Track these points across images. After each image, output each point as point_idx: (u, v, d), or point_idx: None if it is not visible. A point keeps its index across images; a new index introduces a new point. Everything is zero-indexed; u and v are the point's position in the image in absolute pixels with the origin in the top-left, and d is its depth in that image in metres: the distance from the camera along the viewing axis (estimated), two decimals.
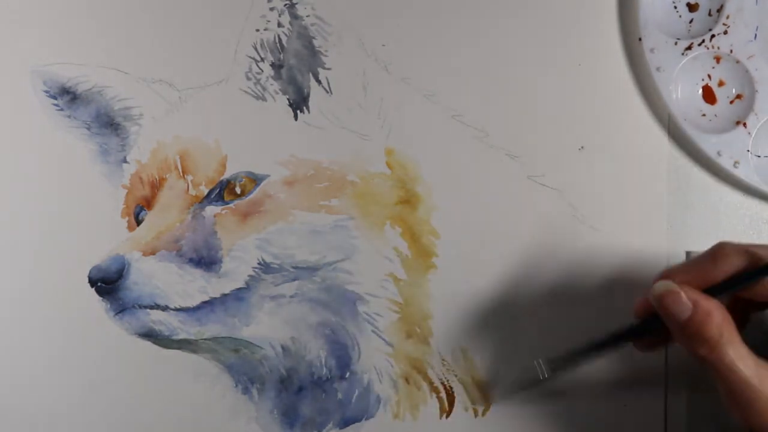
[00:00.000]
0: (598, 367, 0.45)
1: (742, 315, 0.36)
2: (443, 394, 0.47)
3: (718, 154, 0.45)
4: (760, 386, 0.32)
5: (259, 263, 0.47)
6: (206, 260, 0.47)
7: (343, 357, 0.47)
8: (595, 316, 0.45)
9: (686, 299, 0.33)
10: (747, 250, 0.34)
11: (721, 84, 0.46)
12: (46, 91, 0.49)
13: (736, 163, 0.45)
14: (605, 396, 0.45)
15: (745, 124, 0.45)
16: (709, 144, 0.45)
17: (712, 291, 0.34)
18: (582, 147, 0.46)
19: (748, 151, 0.45)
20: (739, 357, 0.32)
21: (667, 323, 0.34)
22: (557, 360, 0.42)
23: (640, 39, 0.46)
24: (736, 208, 0.46)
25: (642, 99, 0.46)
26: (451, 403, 0.47)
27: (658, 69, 0.45)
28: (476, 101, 0.47)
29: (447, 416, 0.47)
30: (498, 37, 0.47)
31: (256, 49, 0.48)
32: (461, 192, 0.47)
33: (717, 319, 0.33)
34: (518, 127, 0.47)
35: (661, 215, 0.46)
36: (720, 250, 0.35)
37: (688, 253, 0.46)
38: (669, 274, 0.35)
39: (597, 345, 0.40)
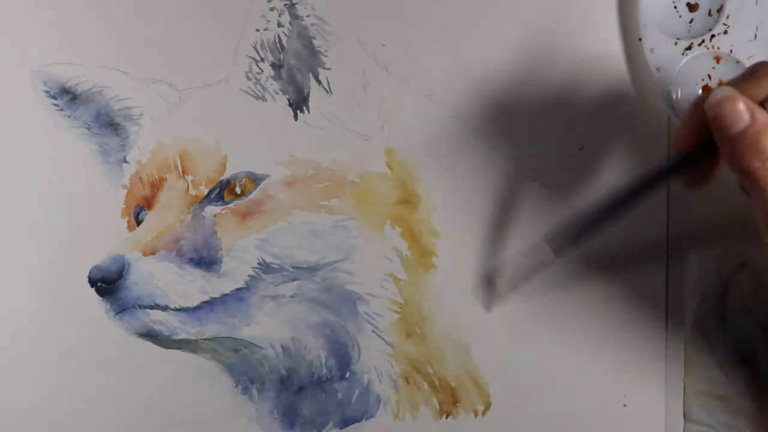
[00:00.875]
0: (598, 368, 0.45)
1: None
2: (443, 394, 0.47)
3: None
4: None
5: (259, 263, 0.47)
6: (206, 260, 0.47)
7: (343, 357, 0.47)
8: (596, 316, 0.45)
9: (745, 108, 0.32)
10: None
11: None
12: (46, 91, 0.49)
13: None
14: (605, 394, 0.45)
15: None
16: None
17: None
18: (582, 147, 0.46)
19: None
20: None
21: (719, 133, 0.33)
22: (563, 236, 0.39)
23: (640, 39, 0.46)
24: (737, 208, 0.46)
25: (642, 99, 0.46)
26: (451, 403, 0.47)
27: (658, 69, 0.45)
28: (476, 101, 0.47)
29: (447, 416, 0.47)
30: (498, 37, 0.47)
31: (256, 49, 0.48)
32: (461, 192, 0.47)
33: None
34: (518, 127, 0.47)
35: (661, 215, 0.46)
36: (760, 68, 0.33)
37: (688, 253, 0.46)
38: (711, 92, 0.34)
39: (633, 190, 0.37)
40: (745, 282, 0.45)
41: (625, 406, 0.45)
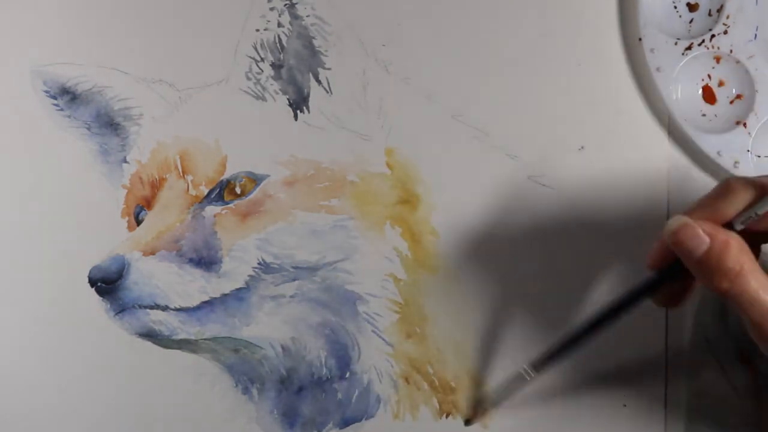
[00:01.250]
0: (598, 368, 0.45)
1: (754, 248, 0.35)
2: (443, 394, 0.47)
3: (718, 154, 0.45)
4: None
5: (259, 263, 0.47)
6: (206, 260, 0.47)
7: (343, 357, 0.47)
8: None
9: (702, 232, 0.32)
10: (753, 183, 0.33)
11: (721, 84, 0.46)
12: (46, 91, 0.49)
13: (736, 163, 0.45)
14: (604, 394, 0.45)
15: (745, 124, 0.45)
16: (709, 144, 0.45)
17: (729, 227, 0.33)
18: (582, 147, 0.46)
19: (748, 151, 0.45)
20: (761, 286, 0.31)
21: (684, 260, 0.33)
22: (541, 359, 0.41)
23: (640, 39, 0.46)
24: None
25: (642, 99, 0.46)
26: (451, 403, 0.47)
27: (658, 69, 0.45)
28: (476, 101, 0.47)
29: (447, 416, 0.47)
30: (498, 37, 0.47)
31: (256, 49, 0.48)
32: (461, 192, 0.47)
33: (735, 249, 0.32)
34: (518, 127, 0.47)
35: (661, 215, 0.46)
36: (727, 186, 0.34)
37: None
38: (683, 214, 0.34)
39: (615, 307, 0.38)
40: None
41: (625, 406, 0.45)
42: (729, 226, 0.33)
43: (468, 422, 0.46)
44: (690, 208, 0.35)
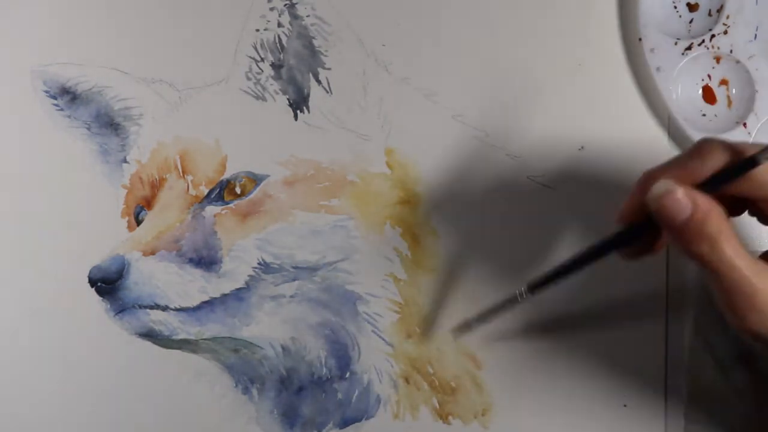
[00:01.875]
0: (598, 368, 0.45)
1: (728, 212, 0.35)
2: (443, 394, 0.47)
3: None
4: (757, 281, 0.32)
5: (259, 263, 0.47)
6: (206, 260, 0.47)
7: (343, 357, 0.47)
8: (597, 315, 0.45)
9: (686, 198, 0.32)
10: (729, 146, 0.34)
11: (721, 84, 0.46)
12: (46, 91, 0.49)
13: None
14: (604, 394, 0.45)
15: (745, 124, 0.45)
16: None
17: (702, 188, 0.33)
18: (582, 147, 0.46)
19: None
20: (737, 254, 0.32)
21: (664, 224, 0.33)
22: (537, 281, 0.40)
23: (640, 39, 0.46)
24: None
25: (642, 99, 0.46)
26: (451, 403, 0.47)
27: (658, 69, 0.45)
28: (476, 101, 0.47)
29: (447, 416, 0.47)
30: (498, 37, 0.47)
31: (256, 49, 0.48)
32: (461, 192, 0.47)
33: (716, 216, 0.32)
34: (518, 127, 0.47)
35: None
36: (704, 146, 0.34)
37: None
38: (656, 172, 0.34)
39: (578, 259, 0.38)
40: None
41: (625, 406, 0.45)
42: (705, 186, 0.33)
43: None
44: (664, 166, 0.35)
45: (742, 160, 0.33)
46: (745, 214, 0.37)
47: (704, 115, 0.46)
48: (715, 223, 0.32)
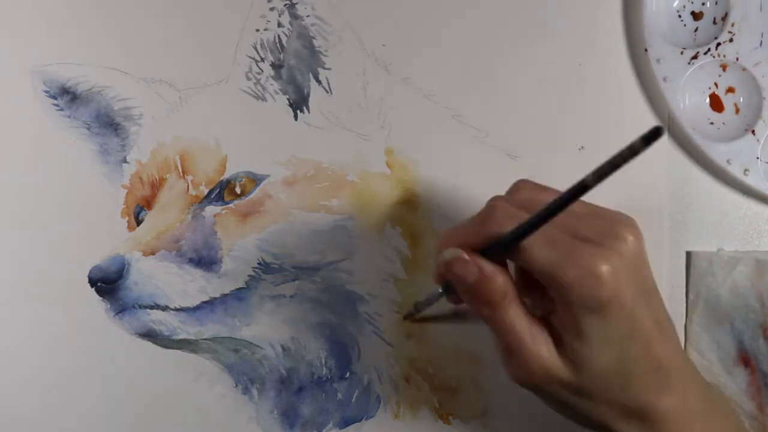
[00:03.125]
0: None
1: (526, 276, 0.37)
2: (443, 394, 0.47)
3: (728, 162, 0.44)
4: (531, 343, 0.35)
5: (259, 263, 0.47)
6: (206, 260, 0.47)
7: (343, 357, 0.47)
8: None
9: (473, 265, 0.35)
10: (518, 205, 0.36)
11: (728, 92, 0.46)
12: (46, 91, 0.49)
13: (746, 171, 0.44)
14: None
15: (753, 131, 0.45)
16: (718, 153, 0.45)
17: (491, 250, 0.35)
18: (582, 147, 0.46)
19: (758, 158, 0.44)
20: (516, 317, 0.35)
21: (455, 286, 0.36)
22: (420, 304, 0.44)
23: (646, 50, 0.45)
24: (737, 209, 0.46)
25: (643, 100, 0.46)
26: (451, 403, 0.47)
27: (664, 79, 0.45)
28: (476, 101, 0.47)
29: (447, 416, 0.47)
30: (500, 41, 0.47)
31: (256, 49, 0.48)
32: (461, 192, 0.47)
33: (499, 282, 0.34)
34: (518, 127, 0.47)
35: (661, 215, 0.46)
36: (492, 209, 0.36)
37: (688, 253, 0.46)
38: (452, 234, 0.36)
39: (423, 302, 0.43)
40: (744, 281, 0.45)
41: None
42: (492, 250, 0.35)
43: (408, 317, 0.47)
44: (459, 228, 0.36)
45: (566, 191, 0.33)
46: None
47: (712, 123, 0.46)
48: (499, 288, 0.35)
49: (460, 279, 0.35)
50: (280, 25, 0.48)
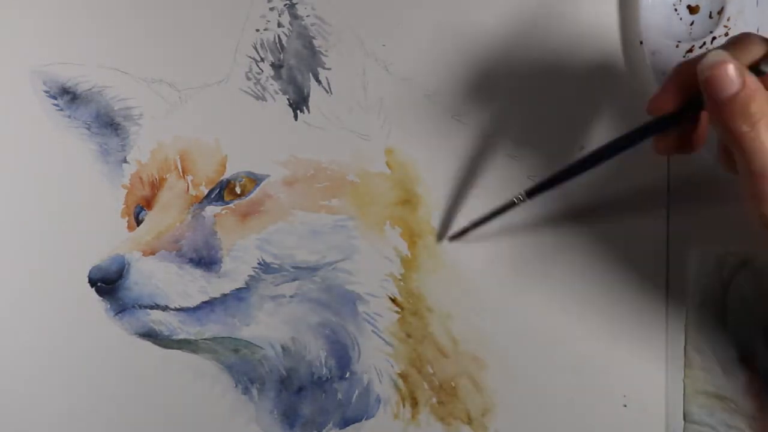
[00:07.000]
0: (598, 368, 0.45)
1: None
2: (443, 394, 0.47)
3: None
4: None
5: (259, 263, 0.47)
6: (206, 260, 0.47)
7: (343, 357, 0.47)
8: (597, 315, 0.45)
9: (737, 73, 0.33)
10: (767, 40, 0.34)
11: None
12: (46, 91, 0.49)
13: None
14: (605, 394, 0.45)
15: None
16: (715, 146, 0.45)
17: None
18: (582, 147, 0.46)
19: None
20: None
21: (710, 96, 0.33)
22: (535, 187, 0.41)
23: (641, 42, 0.45)
24: (737, 208, 0.46)
25: (640, 96, 0.46)
26: (451, 403, 0.47)
27: (660, 72, 0.45)
28: (476, 101, 0.47)
29: (447, 416, 0.47)
30: (499, 39, 0.47)
31: (256, 49, 0.48)
32: (461, 192, 0.47)
33: (761, 97, 0.33)
34: (518, 127, 0.47)
35: (661, 215, 0.46)
36: (743, 37, 0.34)
37: (689, 253, 0.46)
38: (694, 60, 0.34)
39: (607, 147, 0.39)
40: (745, 282, 0.45)
41: (625, 406, 0.45)
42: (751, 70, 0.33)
43: (441, 238, 0.46)
44: (704, 55, 0.35)
45: None
46: None
47: None
48: (759, 104, 0.32)
49: (720, 87, 0.33)
50: (280, 25, 0.48)
